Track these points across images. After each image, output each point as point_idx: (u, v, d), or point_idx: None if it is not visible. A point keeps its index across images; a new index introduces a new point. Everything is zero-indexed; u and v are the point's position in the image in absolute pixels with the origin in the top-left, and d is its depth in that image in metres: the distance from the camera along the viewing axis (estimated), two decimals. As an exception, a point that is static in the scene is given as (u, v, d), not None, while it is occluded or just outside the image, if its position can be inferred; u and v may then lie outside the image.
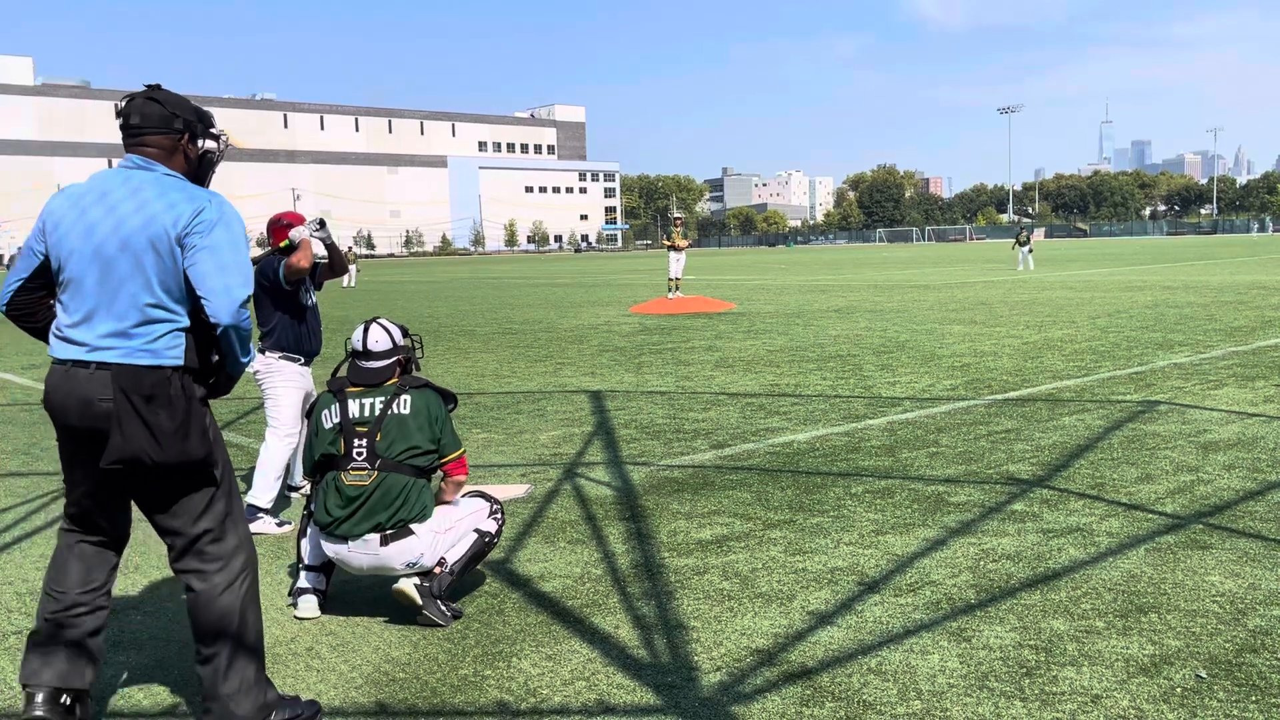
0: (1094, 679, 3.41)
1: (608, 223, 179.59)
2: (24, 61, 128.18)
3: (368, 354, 4.27)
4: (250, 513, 5.59)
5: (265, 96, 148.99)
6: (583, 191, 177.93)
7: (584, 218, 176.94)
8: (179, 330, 3.01)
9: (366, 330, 4.30)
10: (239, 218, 3.10)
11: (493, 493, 4.70)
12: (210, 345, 3.11)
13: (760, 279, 35.75)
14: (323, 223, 5.74)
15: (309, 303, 5.97)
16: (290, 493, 6.33)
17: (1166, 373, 10.11)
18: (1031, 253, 38.32)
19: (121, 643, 4.01)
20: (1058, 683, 3.39)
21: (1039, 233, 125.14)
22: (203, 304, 2.97)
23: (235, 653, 3.10)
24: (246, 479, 6.47)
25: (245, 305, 3.00)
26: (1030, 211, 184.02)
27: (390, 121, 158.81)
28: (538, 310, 22.78)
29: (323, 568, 4.34)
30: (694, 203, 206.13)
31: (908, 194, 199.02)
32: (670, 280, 23.08)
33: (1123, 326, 14.84)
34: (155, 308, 2.97)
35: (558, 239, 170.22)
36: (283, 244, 5.60)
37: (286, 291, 5.76)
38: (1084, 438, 7.16)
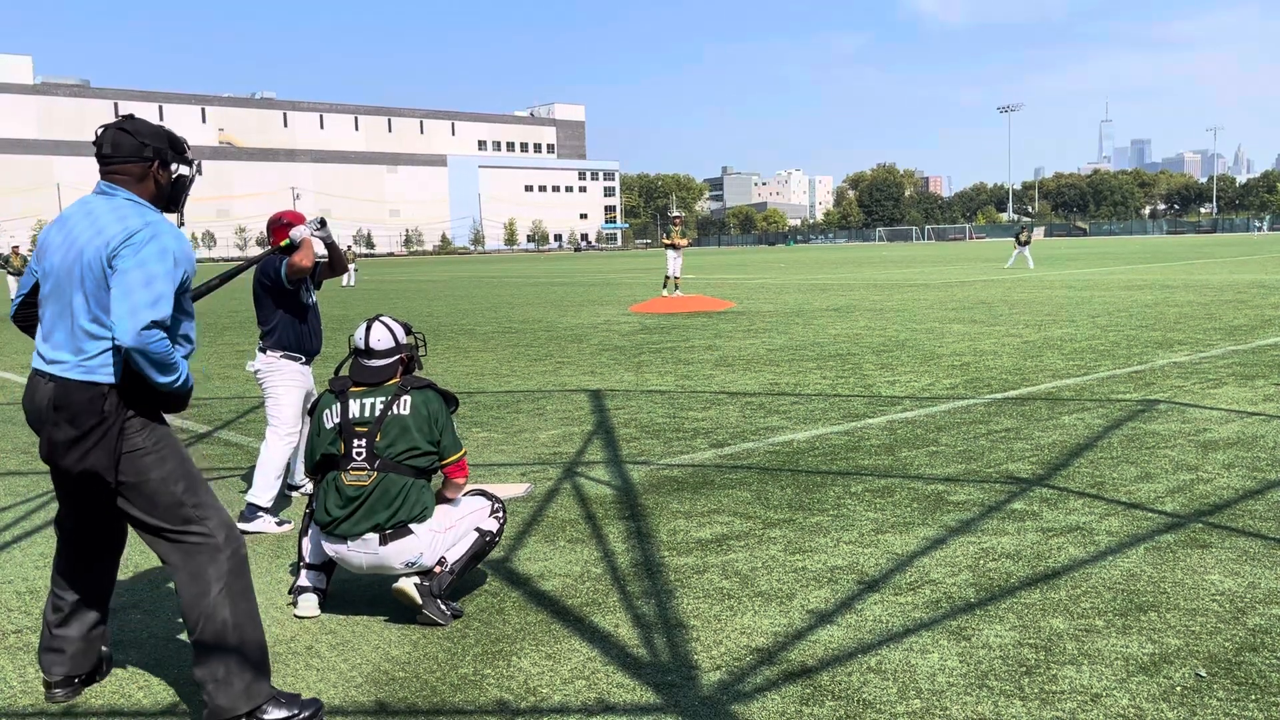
0: (1094, 678, 3.41)
1: (607, 222, 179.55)
2: (24, 60, 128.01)
3: (370, 352, 4.26)
4: (250, 512, 5.60)
5: (265, 95, 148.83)
6: (582, 190, 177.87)
7: (584, 217, 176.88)
8: (115, 349, 3.11)
9: (369, 328, 4.29)
10: (173, 248, 3.11)
11: (494, 491, 4.70)
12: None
13: (760, 278, 35.75)
14: (323, 222, 5.74)
15: (309, 302, 5.97)
16: (290, 492, 6.33)
17: (1166, 372, 10.12)
18: (1029, 246, 38.37)
19: (121, 641, 4.01)
20: (1057, 681, 3.39)
21: (1038, 231, 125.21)
22: (112, 326, 3.05)
23: (210, 644, 3.20)
24: (247, 478, 6.48)
25: (152, 329, 3.02)
26: (1030, 210, 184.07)
27: (390, 120, 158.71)
28: (537, 309, 22.78)
29: (323, 566, 4.34)
30: (694, 202, 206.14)
31: (907, 193, 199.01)
32: (667, 279, 23.09)
33: (1122, 325, 14.84)
34: (97, 324, 3.11)
35: (557, 238, 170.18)
36: (283, 243, 5.60)
37: (288, 291, 5.76)
38: (1084, 437, 7.16)
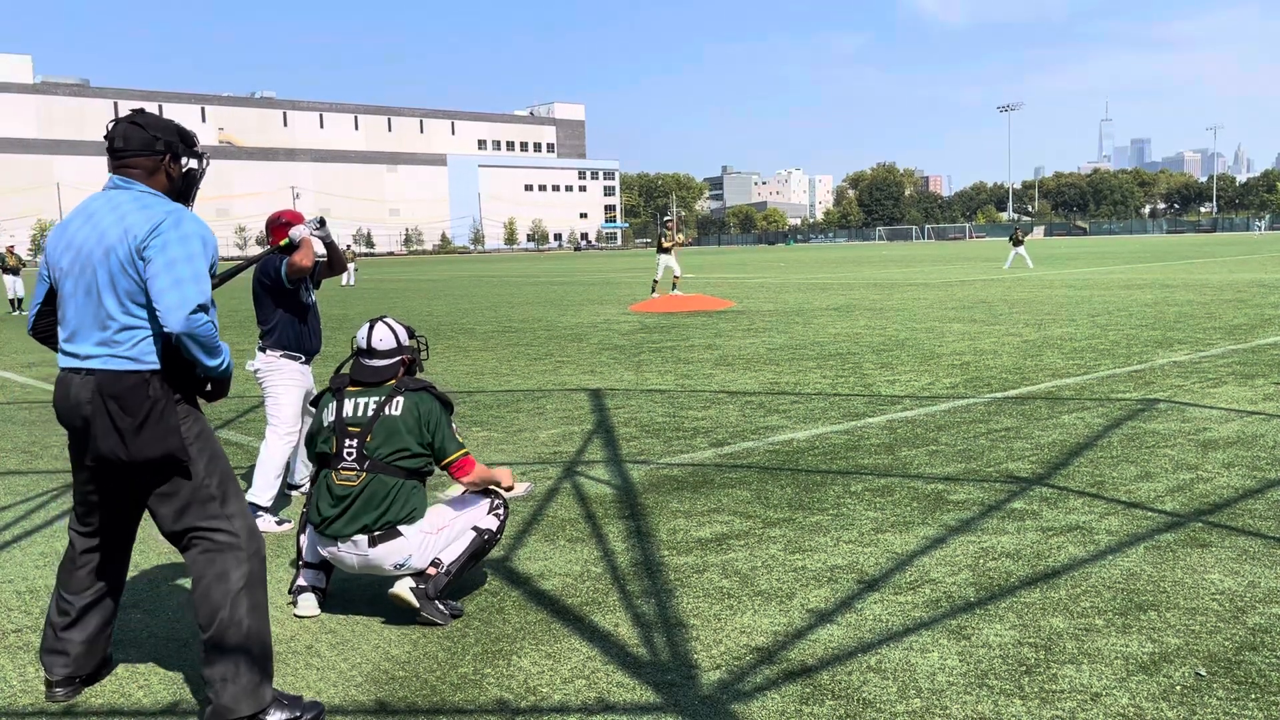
0: (1093, 677, 3.41)
1: (607, 221, 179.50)
2: (23, 60, 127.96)
3: (371, 352, 4.27)
4: (250, 511, 5.60)
5: (265, 94, 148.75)
6: (582, 190, 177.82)
7: (583, 216, 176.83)
8: (154, 335, 3.19)
9: (372, 328, 4.31)
10: (199, 232, 3.21)
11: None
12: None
13: (760, 277, 35.75)
14: (322, 221, 5.74)
15: (309, 301, 5.97)
16: (290, 491, 6.33)
17: (1166, 371, 10.12)
18: (1024, 245, 38.32)
19: (121, 641, 4.01)
20: (1057, 681, 3.39)
21: (1038, 231, 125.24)
22: (158, 315, 3.12)
23: (223, 644, 3.20)
24: (246, 477, 6.47)
25: (198, 313, 3.11)
26: (1030, 210, 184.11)
27: (390, 120, 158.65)
28: (537, 308, 22.78)
29: (322, 566, 4.34)
30: (694, 201, 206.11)
31: (907, 192, 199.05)
32: (655, 283, 23.11)
33: (1122, 324, 14.84)
34: (130, 315, 3.17)
35: (557, 237, 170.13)
36: (282, 242, 5.60)
37: (287, 290, 5.76)
38: (1084, 436, 7.16)
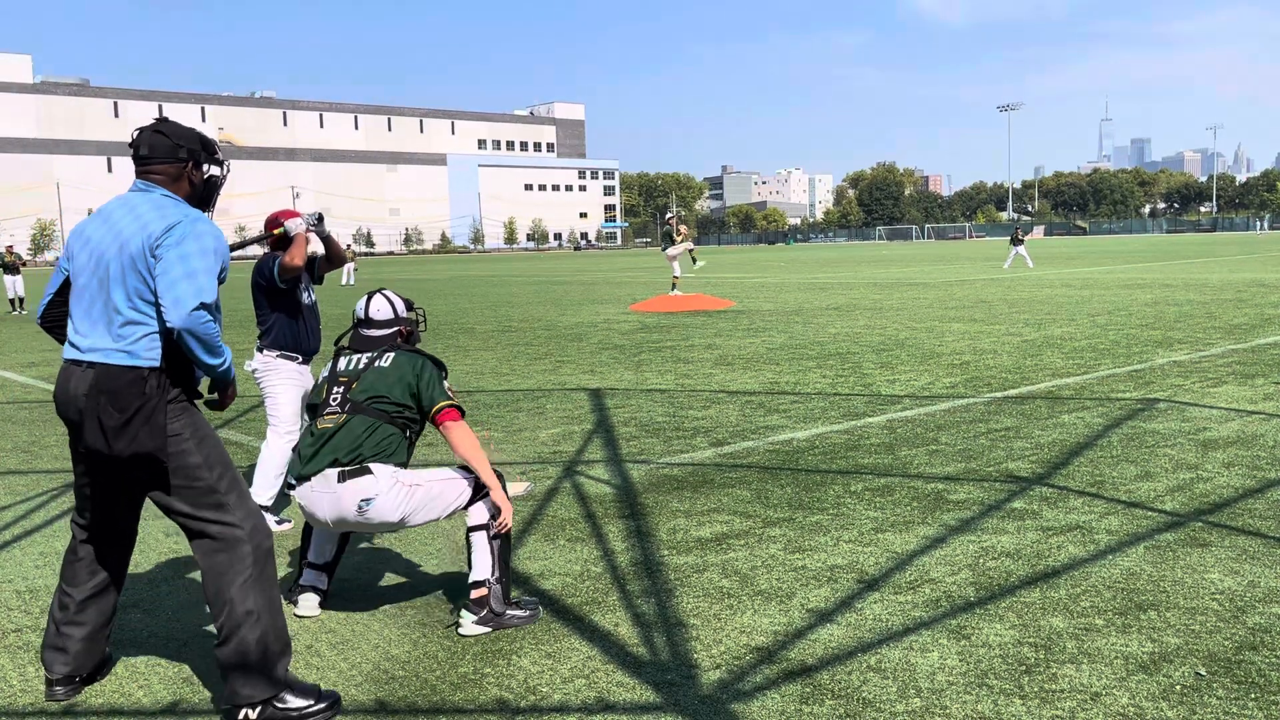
0: (1093, 676, 3.41)
1: (607, 220, 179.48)
2: (23, 59, 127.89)
3: (369, 322, 4.34)
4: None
5: (265, 94, 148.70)
6: (582, 189, 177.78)
7: (583, 215, 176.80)
8: (156, 333, 3.26)
9: (370, 299, 4.39)
10: (214, 235, 3.30)
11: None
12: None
13: (760, 277, 35.74)
14: (320, 218, 5.74)
15: (307, 300, 5.96)
16: (290, 490, 6.33)
17: (1166, 370, 10.12)
18: (1024, 245, 38.32)
19: (121, 641, 4.01)
20: (1057, 680, 3.39)
21: (1037, 230, 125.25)
22: (161, 309, 3.21)
23: (234, 631, 3.27)
24: (247, 476, 6.47)
25: (200, 310, 3.19)
26: (1030, 209, 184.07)
27: (389, 119, 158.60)
28: (537, 308, 22.78)
29: (325, 567, 4.34)
30: (694, 200, 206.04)
31: (907, 192, 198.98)
32: (675, 278, 23.10)
33: (1122, 324, 14.84)
34: (135, 311, 3.24)
35: (557, 237, 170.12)
36: (276, 231, 5.60)
37: (282, 290, 5.75)
38: (1084, 435, 7.16)
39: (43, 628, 4.19)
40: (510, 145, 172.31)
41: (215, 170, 3.51)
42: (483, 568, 4.05)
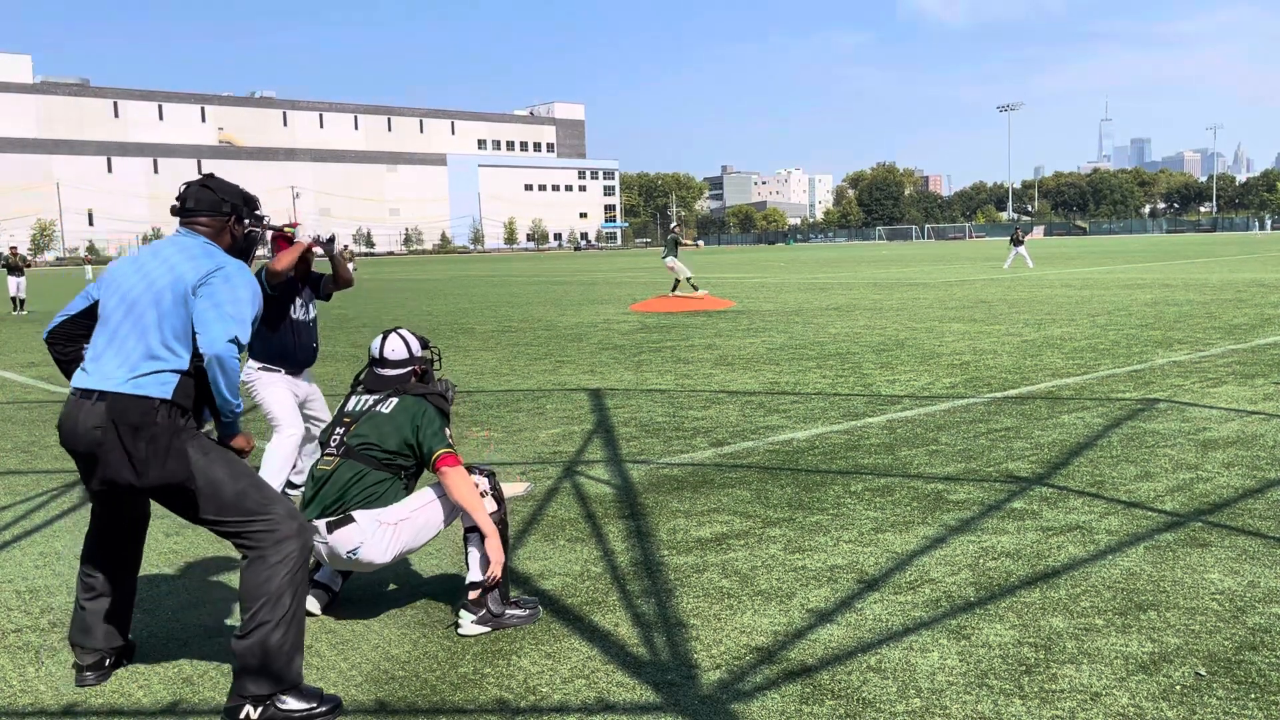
0: (1093, 676, 3.41)
1: (607, 220, 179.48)
2: (23, 59, 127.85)
3: (384, 362, 4.34)
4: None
5: (264, 94, 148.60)
6: (582, 189, 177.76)
7: (583, 215, 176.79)
8: (174, 371, 3.36)
9: (385, 339, 4.37)
10: (251, 284, 3.49)
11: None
12: (208, 392, 3.43)
13: (760, 277, 35.75)
14: (333, 239, 5.83)
15: (301, 316, 5.99)
16: (289, 490, 6.34)
17: (1166, 370, 10.12)
18: (1024, 245, 38.30)
19: (121, 641, 4.01)
20: (1057, 680, 3.40)
21: (1037, 230, 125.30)
22: (197, 337, 3.34)
23: (260, 628, 3.31)
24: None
25: (233, 344, 3.32)
26: (1030, 209, 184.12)
27: (389, 120, 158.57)
28: (537, 308, 22.78)
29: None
30: (694, 200, 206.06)
31: (907, 192, 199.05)
32: (688, 279, 23.12)
33: (1122, 324, 14.84)
34: (161, 347, 3.35)
35: (557, 237, 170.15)
36: (285, 227, 5.71)
37: (271, 297, 5.78)
38: (1083, 435, 7.16)
39: (43, 628, 4.19)
40: (510, 145, 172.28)
41: (255, 225, 3.75)
42: (480, 568, 4.07)
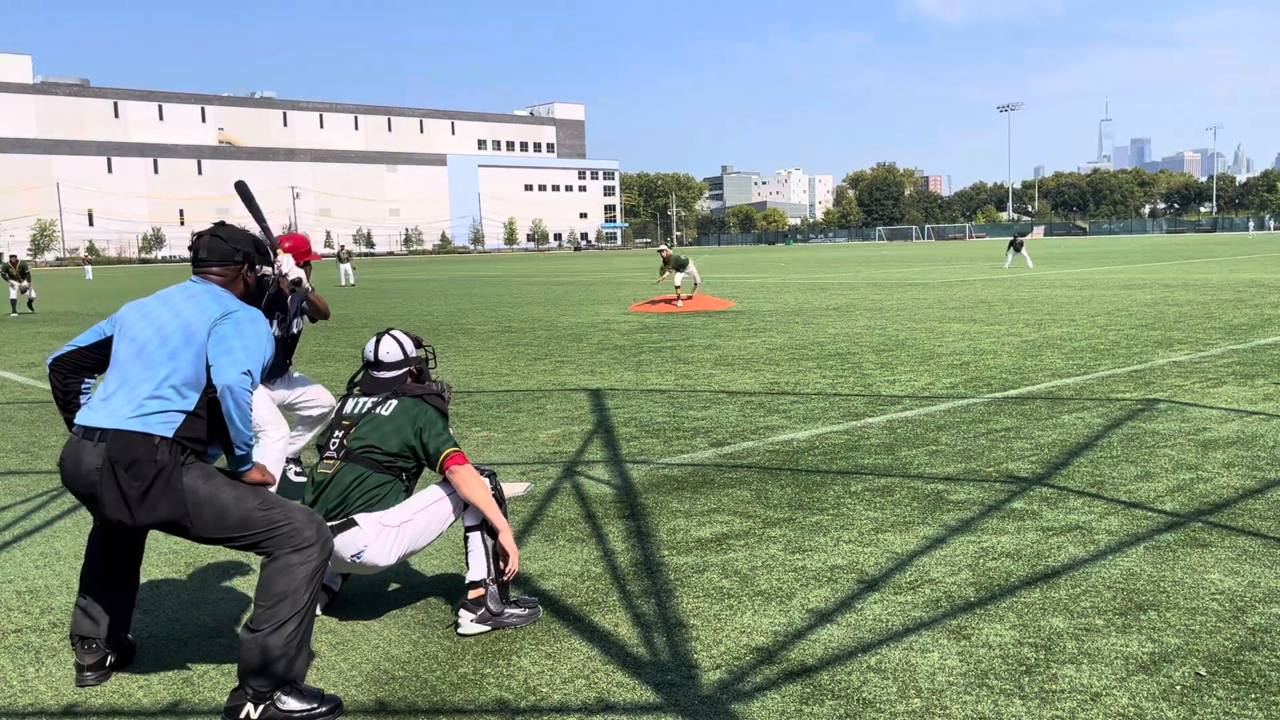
0: (1093, 677, 3.41)
1: (607, 221, 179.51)
2: (23, 59, 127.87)
3: (379, 364, 4.33)
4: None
5: (265, 95, 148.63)
6: (582, 190, 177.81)
7: (583, 216, 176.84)
8: (179, 412, 3.37)
9: (379, 341, 4.35)
10: (263, 333, 3.52)
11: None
12: (217, 428, 3.44)
13: (760, 277, 35.75)
14: (299, 280, 5.86)
15: (277, 332, 6.06)
16: (292, 472, 6.36)
17: (1166, 371, 10.12)
18: (1024, 247, 38.26)
19: (121, 641, 4.01)
20: (1057, 680, 3.40)
21: (1037, 231, 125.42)
22: (211, 370, 3.36)
23: (271, 624, 3.31)
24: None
25: (246, 376, 3.34)
26: (1030, 209, 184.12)
27: (389, 120, 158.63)
28: (537, 308, 22.78)
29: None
30: (694, 201, 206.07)
31: (907, 192, 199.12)
32: (677, 289, 23.14)
33: (1122, 324, 14.84)
34: (170, 387, 3.37)
35: (557, 237, 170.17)
36: (285, 281, 5.83)
37: None
38: (1083, 436, 7.16)
39: (43, 628, 4.19)
40: (510, 145, 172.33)
41: (267, 270, 3.84)
42: (480, 567, 4.07)
